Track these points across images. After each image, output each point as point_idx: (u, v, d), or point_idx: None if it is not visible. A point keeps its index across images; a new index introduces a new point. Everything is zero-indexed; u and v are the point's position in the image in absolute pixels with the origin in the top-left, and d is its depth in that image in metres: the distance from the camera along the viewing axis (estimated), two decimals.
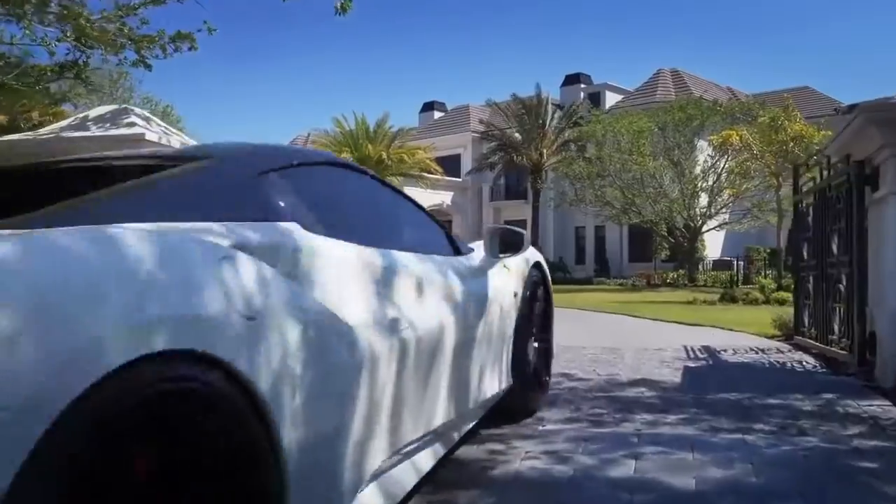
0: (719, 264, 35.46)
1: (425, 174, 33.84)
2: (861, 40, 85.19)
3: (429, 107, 53.21)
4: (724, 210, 28.47)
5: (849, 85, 78.12)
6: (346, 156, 30.99)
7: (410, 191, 38.84)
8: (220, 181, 2.19)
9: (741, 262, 33.89)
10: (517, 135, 36.94)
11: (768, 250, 35.67)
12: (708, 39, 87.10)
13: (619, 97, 43.17)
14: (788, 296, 17.91)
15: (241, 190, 2.19)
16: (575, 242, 43.28)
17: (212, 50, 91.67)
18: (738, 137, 19.22)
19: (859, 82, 74.81)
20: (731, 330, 10.24)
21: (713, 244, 35.94)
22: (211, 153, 2.37)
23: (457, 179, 44.26)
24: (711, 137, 20.70)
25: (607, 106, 42.13)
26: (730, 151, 20.41)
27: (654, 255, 34.89)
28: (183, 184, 2.10)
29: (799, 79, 79.68)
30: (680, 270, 31.54)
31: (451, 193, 44.47)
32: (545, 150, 35.72)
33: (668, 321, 12.29)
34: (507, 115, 37.26)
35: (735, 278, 31.30)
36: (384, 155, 31.06)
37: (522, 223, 45.37)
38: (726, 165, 25.71)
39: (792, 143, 18.97)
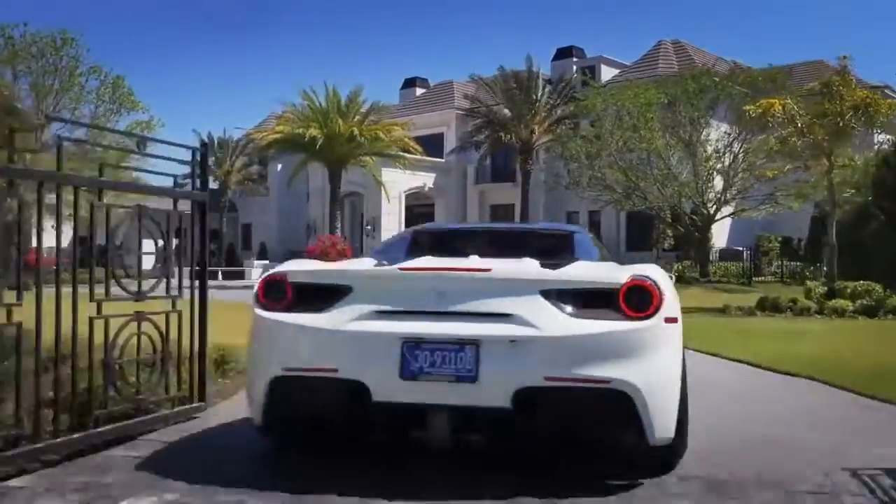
0: (726, 254, 31.69)
1: (404, 154, 29.79)
2: (863, 14, 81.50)
3: (410, 83, 48.97)
4: (739, 195, 24.67)
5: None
6: (314, 132, 26.86)
7: (388, 173, 34.76)
8: (584, 242, 4.78)
9: (749, 252, 30.26)
10: (506, 111, 32.89)
11: (780, 239, 31.95)
12: (706, 12, 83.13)
13: (615, 71, 39.09)
14: (848, 304, 14.14)
15: (592, 247, 4.77)
16: None
17: (183, 27, 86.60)
18: (780, 107, 15.36)
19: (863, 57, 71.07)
20: (858, 394, 6.24)
21: (718, 232, 32.18)
22: (574, 230, 5.20)
23: (439, 160, 40.22)
24: (747, 108, 16.84)
25: (603, 81, 38.18)
26: (770, 125, 16.53)
27: (656, 244, 31.07)
28: (573, 244, 4.67)
29: (803, 54, 75.91)
30: (685, 261, 27.81)
31: (433, 175, 40.40)
32: (536, 128, 31.71)
33: (729, 359, 8.38)
34: (493, 90, 33.19)
35: (748, 271, 27.64)
36: (356, 131, 26.95)
37: (510, 208, 41.42)
38: (754, 142, 21.79)
39: (850, 114, 15.06)
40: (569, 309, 3.49)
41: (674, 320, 3.61)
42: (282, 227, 47.58)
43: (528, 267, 3.75)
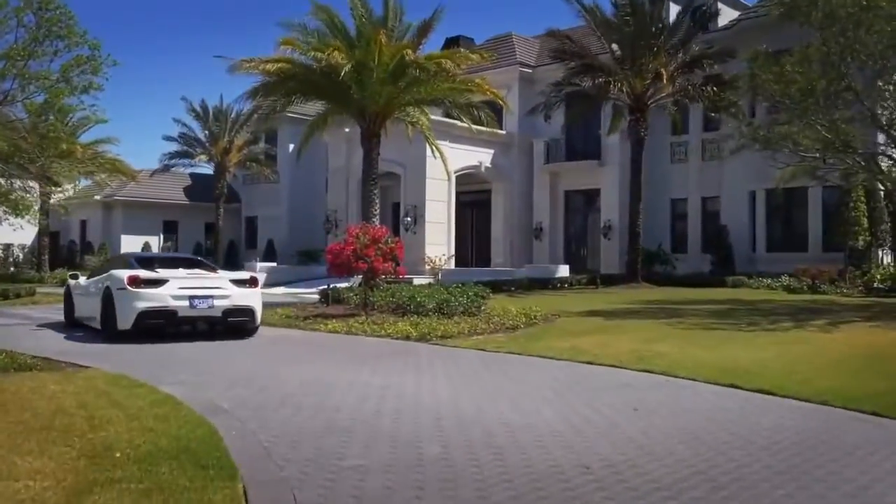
0: None
1: (458, 119, 18.72)
2: None
3: (453, 43, 37.71)
4: None
5: None
6: (338, 57, 15.96)
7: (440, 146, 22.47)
8: (210, 262, 14.76)
9: None
10: (614, 46, 21.92)
11: None
12: None
13: (735, 14, 28.04)
14: None
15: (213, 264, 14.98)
16: (671, 222, 28.36)
17: None
18: None
19: None
20: None
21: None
22: (199, 258, 15.23)
23: (499, 132, 29.39)
24: None
25: (719, 24, 27.26)
26: None
27: (852, 239, 20.11)
28: (204, 262, 14.10)
29: None
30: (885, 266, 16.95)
31: (492, 152, 29.50)
32: (664, 71, 20.70)
33: None
34: (593, 21, 22.29)
35: None
36: (410, 56, 15.88)
37: (592, 196, 30.34)
38: None
39: None
40: (237, 286, 11.47)
41: (258, 286, 11.97)
42: (294, 220, 36.76)
43: (224, 273, 12.42)
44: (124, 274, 10.93)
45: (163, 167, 35.62)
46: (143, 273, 11.02)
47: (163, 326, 10.84)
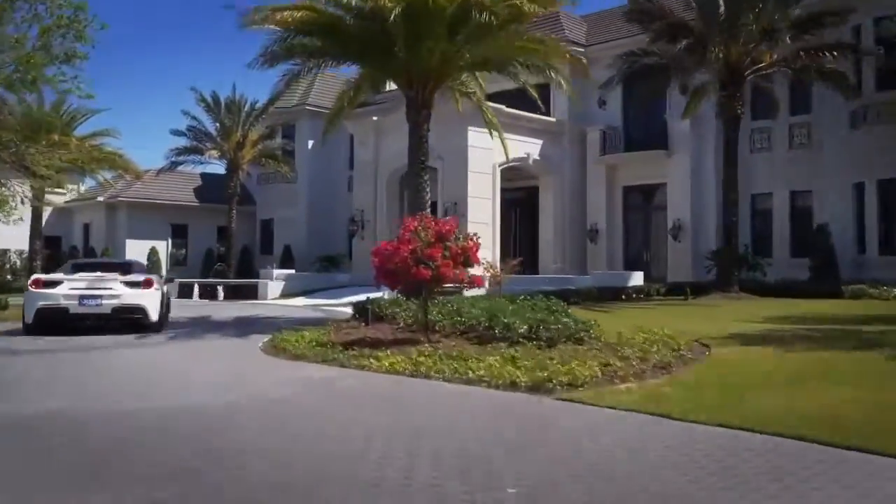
0: None
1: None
2: None
3: None
4: None
5: None
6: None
7: (473, 135, 19.44)
8: (139, 265, 16.51)
9: None
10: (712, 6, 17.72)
11: None
12: None
13: None
14: None
15: (143, 267, 16.87)
16: (751, 220, 24.06)
17: None
18: None
19: None
20: None
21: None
22: (132, 261, 18.15)
23: (548, 119, 25.31)
24: None
25: None
26: None
27: None
28: (132, 266, 16.05)
29: None
30: None
31: (540, 142, 25.39)
32: (784, 27, 16.38)
33: None
34: None
35: None
36: None
37: (657, 192, 26.37)
38: None
39: None
40: (129, 287, 12.99)
41: (153, 287, 13.20)
42: (313, 222, 32.62)
43: (117, 275, 13.35)
44: (32, 277, 13.95)
45: (170, 164, 31.63)
46: (44, 276, 13.88)
47: (59, 321, 12.69)
